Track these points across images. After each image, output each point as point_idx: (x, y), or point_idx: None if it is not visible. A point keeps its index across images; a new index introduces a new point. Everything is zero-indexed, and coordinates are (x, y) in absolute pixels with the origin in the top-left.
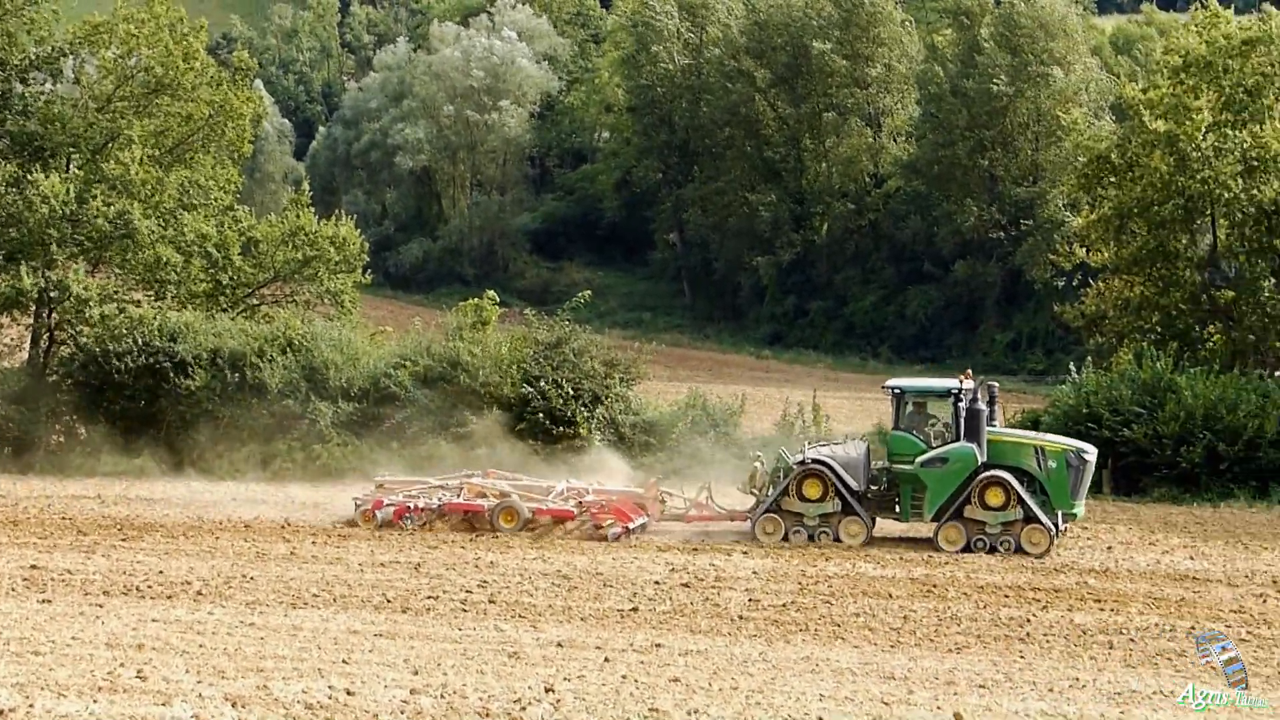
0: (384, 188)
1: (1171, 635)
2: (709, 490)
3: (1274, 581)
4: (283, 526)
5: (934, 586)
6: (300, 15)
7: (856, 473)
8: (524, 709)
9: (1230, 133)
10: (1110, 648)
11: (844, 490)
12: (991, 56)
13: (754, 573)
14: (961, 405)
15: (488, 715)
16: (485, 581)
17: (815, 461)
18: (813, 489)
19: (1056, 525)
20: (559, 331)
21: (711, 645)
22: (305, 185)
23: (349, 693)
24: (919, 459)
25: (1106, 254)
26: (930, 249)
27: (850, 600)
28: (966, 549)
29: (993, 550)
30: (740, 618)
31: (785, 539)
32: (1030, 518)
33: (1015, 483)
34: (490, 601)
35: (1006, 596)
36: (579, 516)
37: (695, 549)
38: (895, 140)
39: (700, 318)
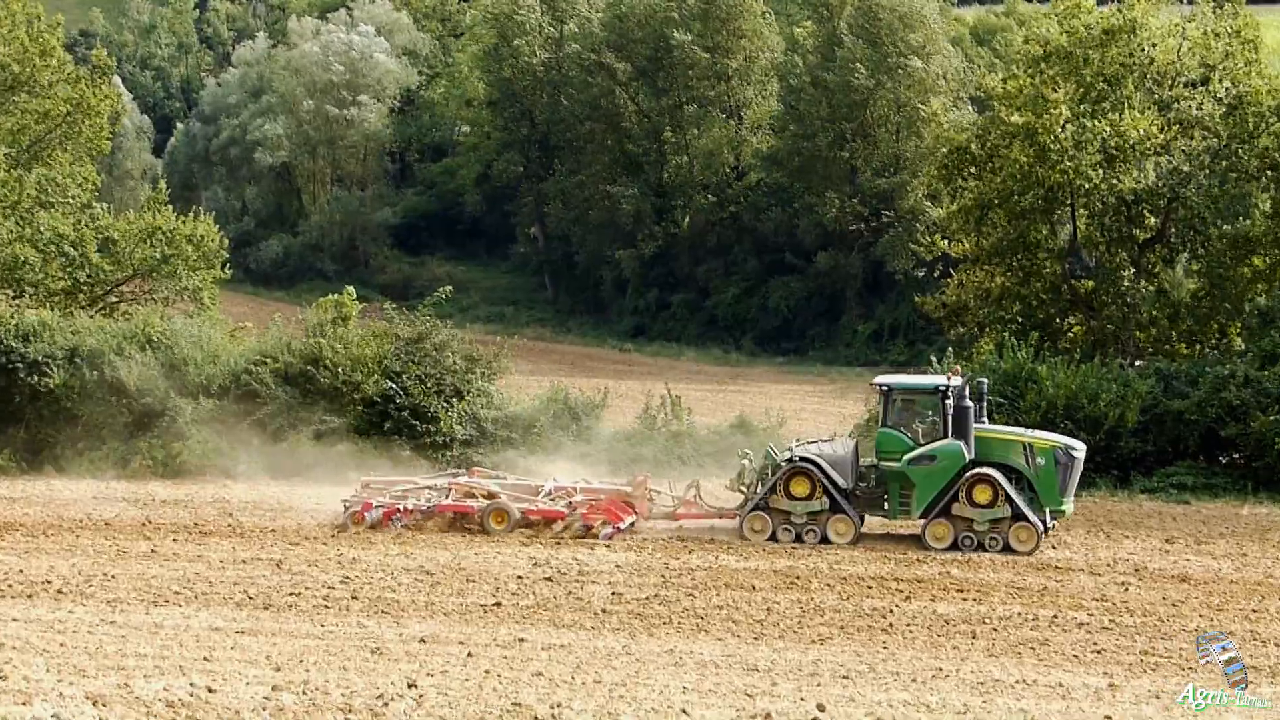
0: (244, 184)
1: (1034, 624)
2: (697, 488)
3: (1136, 570)
4: (143, 524)
5: (797, 578)
6: (159, 11)
7: (844, 470)
8: (386, 705)
9: (1090, 123)
10: (973, 637)
11: (831, 488)
12: (851, 49)
13: (617, 566)
14: (949, 402)
15: (350, 711)
16: (348, 578)
17: (803, 459)
18: (800, 487)
19: (1044, 523)
20: (420, 327)
21: (575, 639)
22: (163, 183)
23: (210, 690)
24: (906, 456)
25: (967, 245)
26: (792, 241)
27: (713, 593)
28: (954, 546)
29: (980, 548)
30: (603, 611)
31: (773, 537)
32: (1018, 515)
33: (1003, 480)
34: (353, 598)
35: (869, 587)
36: (569, 516)
37: (558, 543)
38: (756, 133)
39: (562, 311)
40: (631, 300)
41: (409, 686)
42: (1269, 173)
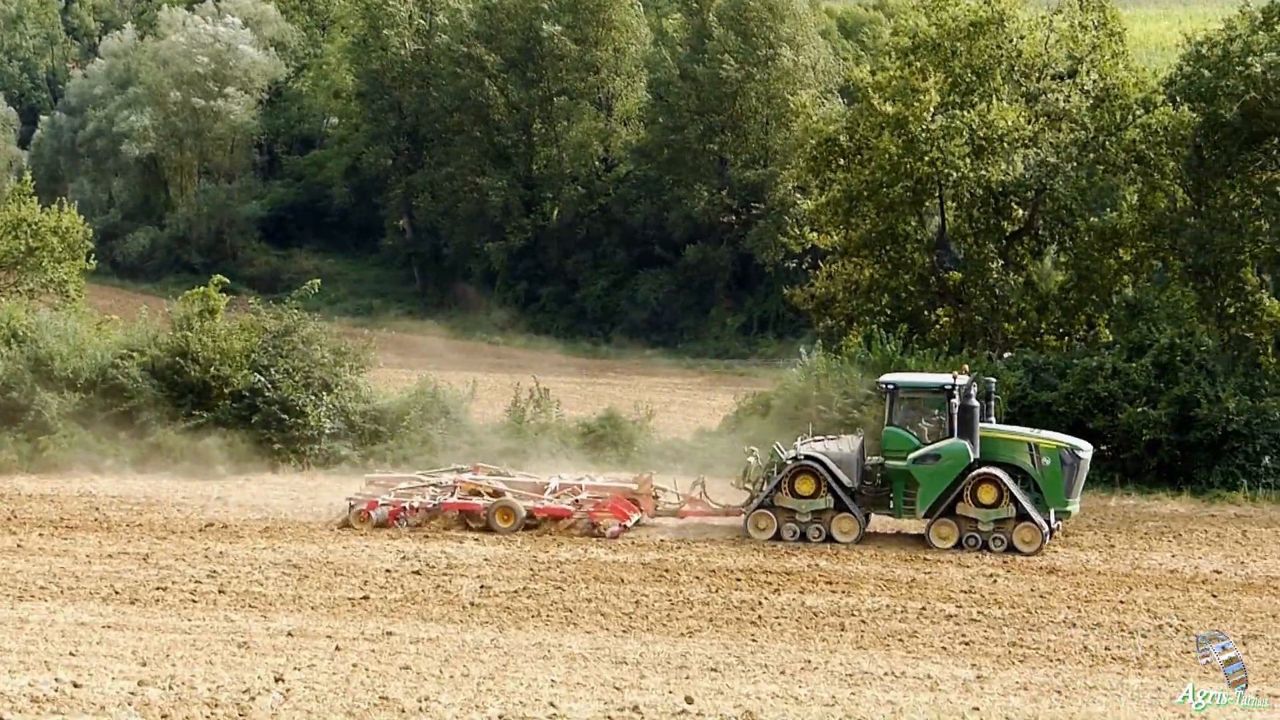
0: (110, 176)
1: (903, 616)
2: (703, 485)
3: (1004, 562)
4: (9, 519)
5: (666, 571)
6: (25, 1)
7: (850, 469)
8: (253, 699)
9: (958, 114)
10: (842, 629)
11: (836, 487)
12: (720, 41)
13: (485, 560)
14: (955, 401)
15: (216, 706)
16: (215, 572)
17: (808, 457)
18: (805, 485)
19: (1049, 523)
20: (288, 320)
21: (443, 633)
22: (28, 175)
23: (76, 685)
24: (911, 455)
25: (836, 237)
26: (661, 233)
27: (582, 586)
28: (958, 546)
29: (985, 548)
30: (472, 605)
31: (777, 536)
32: (1022, 515)
33: (1008, 480)
34: (220, 592)
35: (738, 580)
36: (575, 514)
37: (426, 537)
38: (626, 125)
39: (431, 305)
40: (500, 293)
41: (276, 680)
42: (1136, 165)
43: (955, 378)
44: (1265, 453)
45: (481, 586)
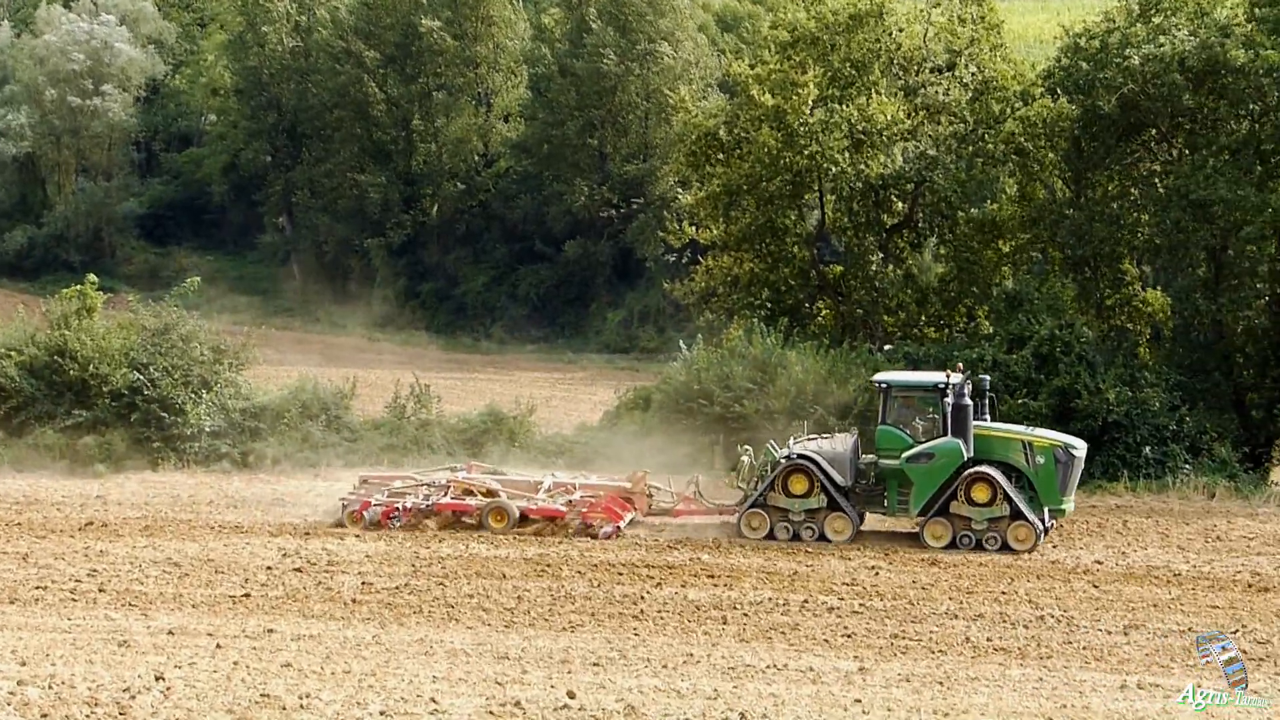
0: None
1: (785, 609)
2: (697, 484)
3: (886, 554)
4: None
5: (548, 566)
6: None
7: (843, 468)
8: (133, 698)
9: (837, 107)
10: (724, 623)
11: (830, 485)
12: (600, 35)
13: (367, 556)
14: (948, 400)
15: (96, 705)
16: (95, 570)
17: (801, 456)
18: (798, 484)
19: (1043, 521)
20: (167, 318)
21: (324, 629)
22: None
23: None
24: (905, 454)
25: (715, 231)
26: (541, 228)
27: (464, 581)
28: (952, 545)
29: (979, 547)
30: (353, 601)
31: (770, 535)
32: (1016, 514)
33: (1002, 479)
34: (100, 590)
35: (620, 574)
36: (568, 515)
37: (308, 533)
38: (506, 120)
39: (311, 301)
40: (380, 289)
41: (156, 679)
42: (1014, 157)
43: (949, 376)
44: (1145, 443)
45: (363, 583)
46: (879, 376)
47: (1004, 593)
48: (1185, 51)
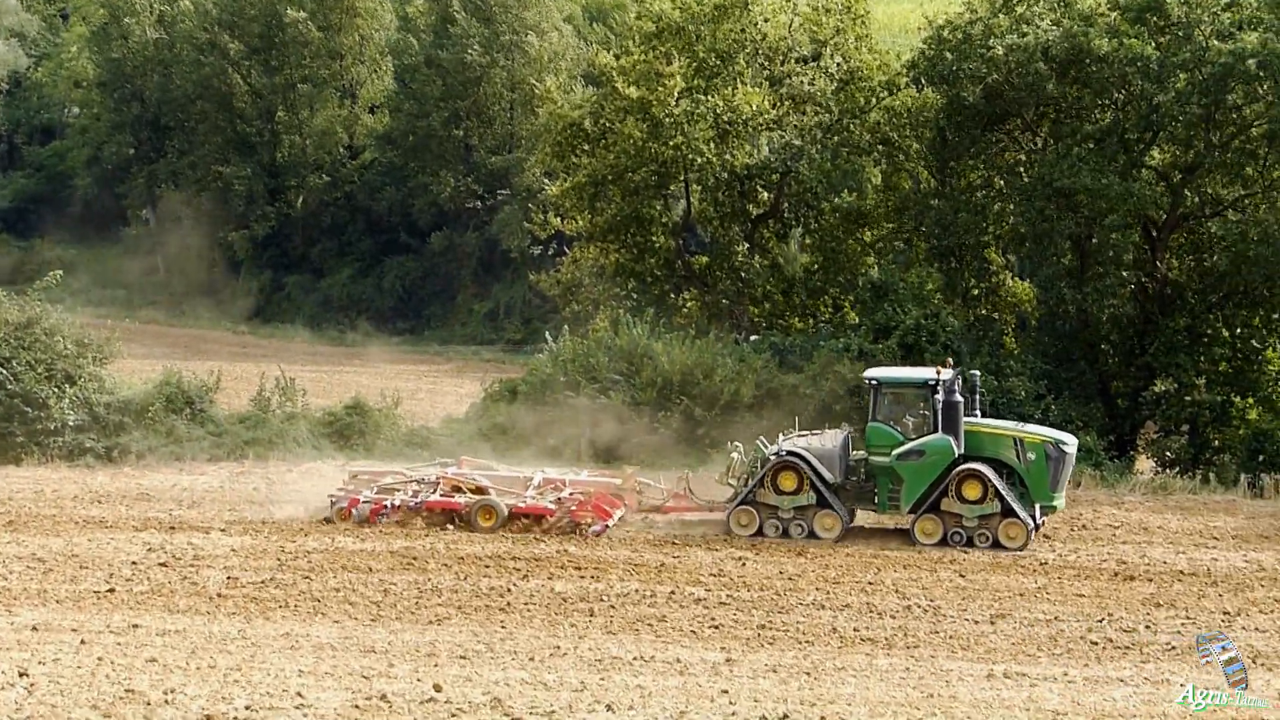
0: None
1: (652, 601)
2: (687, 481)
3: (752, 545)
4: None
5: (414, 559)
6: None
7: (832, 464)
8: None
9: (703, 98)
10: (591, 615)
11: (819, 482)
12: (464, 26)
13: (233, 550)
14: (939, 396)
15: None
16: None
17: (790, 453)
18: (788, 481)
19: (1035, 518)
20: (30, 312)
21: (190, 624)
22: None
23: None
24: (895, 451)
25: (581, 222)
26: (407, 220)
27: (330, 575)
28: (943, 542)
29: (970, 544)
30: (219, 596)
31: (759, 532)
32: (1008, 511)
33: (993, 476)
34: None
35: (487, 567)
36: (557, 513)
37: (173, 528)
38: (371, 112)
39: (176, 294)
40: (245, 282)
41: (20, 675)
42: (880, 147)
43: (939, 372)
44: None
45: (229, 577)
46: (870, 373)
47: (870, 583)
48: (1049, 41)
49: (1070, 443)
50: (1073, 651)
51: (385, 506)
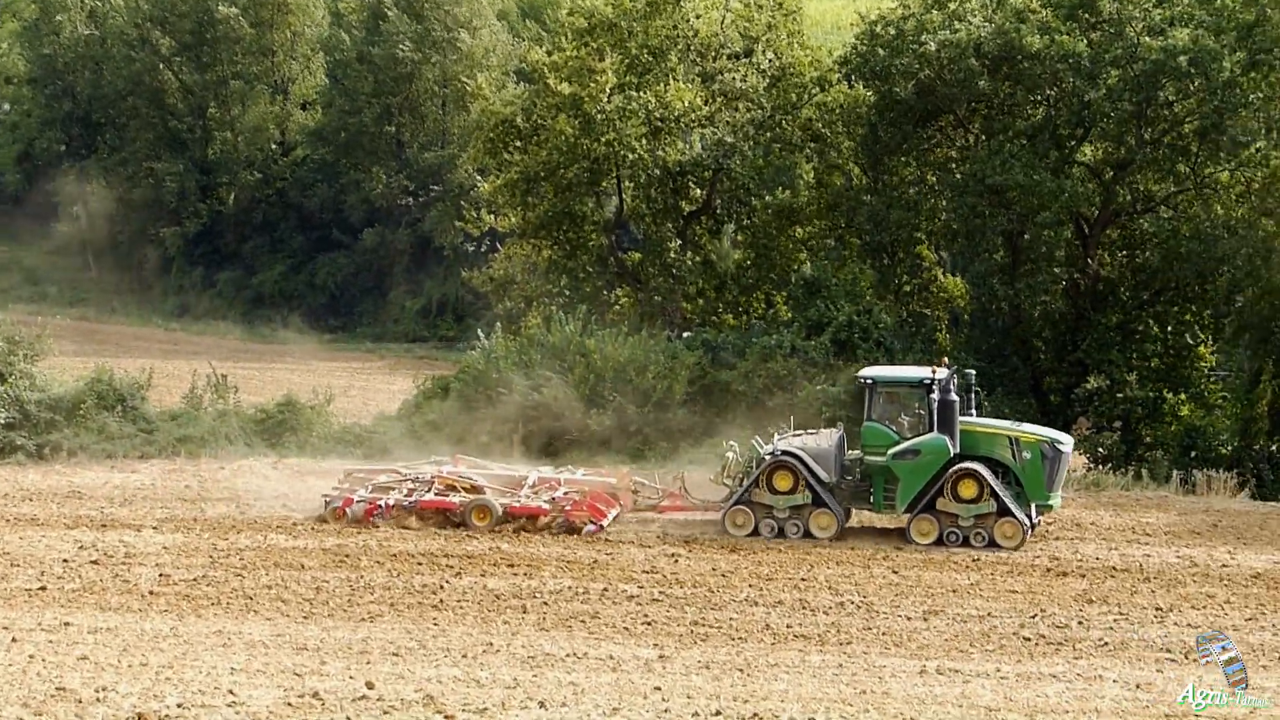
0: None
1: (585, 597)
2: (683, 480)
3: (686, 542)
4: None
5: (347, 556)
6: None
7: (828, 464)
8: None
9: (635, 95)
10: (524, 612)
11: (814, 482)
12: (396, 23)
13: (164, 548)
14: (934, 395)
15: None
16: None
17: (785, 453)
18: (783, 481)
19: (1030, 517)
20: None
21: (121, 622)
22: None
23: None
24: (891, 450)
25: (514, 218)
26: (339, 217)
27: (263, 572)
28: (939, 542)
29: (965, 544)
30: (151, 593)
31: (755, 532)
32: (1003, 510)
33: (988, 475)
34: None
35: (420, 564)
36: (552, 512)
37: (104, 525)
38: (303, 108)
39: (107, 292)
40: (176, 279)
41: None
42: (812, 144)
43: (935, 371)
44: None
45: (160, 575)
46: (864, 372)
47: (804, 579)
48: (981, 37)
49: (1066, 442)
50: (1005, 647)
51: (379, 506)
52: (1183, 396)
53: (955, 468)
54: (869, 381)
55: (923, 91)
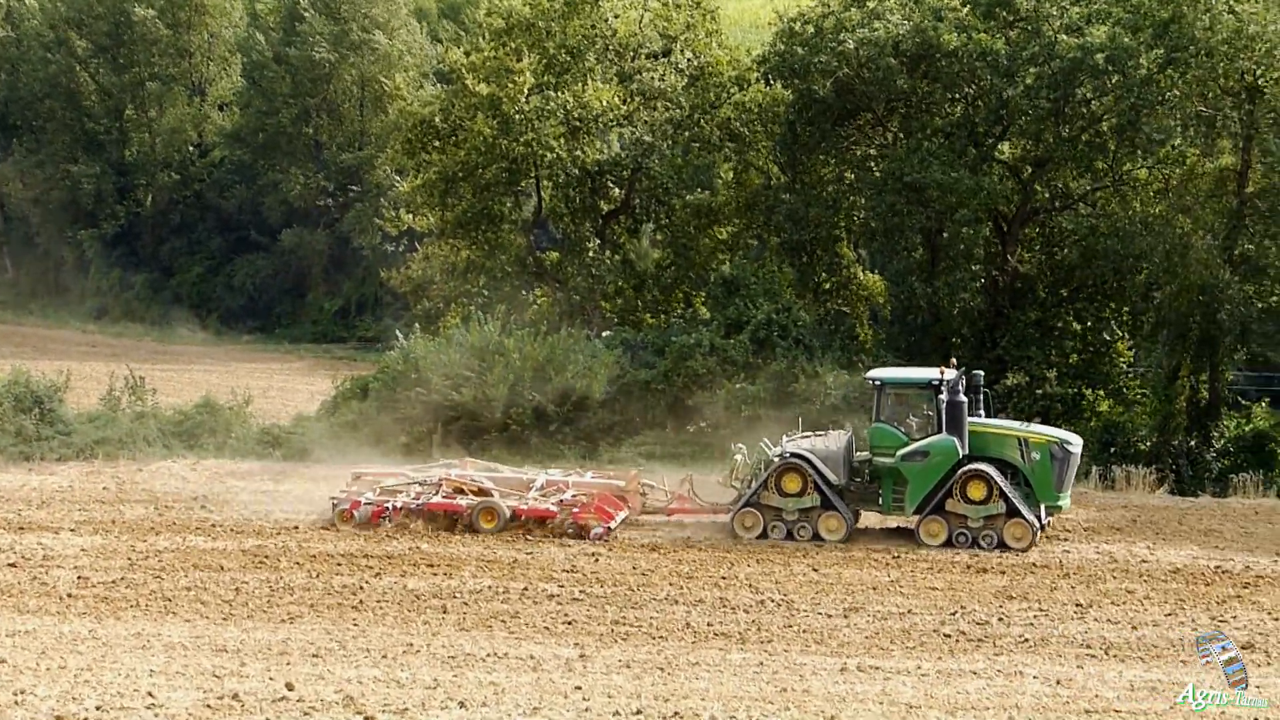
0: None
1: (505, 597)
2: (691, 483)
3: (606, 542)
4: None
5: (266, 557)
6: None
7: (836, 466)
8: None
9: (553, 94)
10: (444, 612)
11: (823, 484)
12: (312, 23)
13: (83, 550)
14: (943, 396)
15: None
16: None
17: (794, 455)
18: (791, 483)
19: (1040, 518)
20: None
21: (40, 625)
22: None
23: None
24: (900, 452)
25: (432, 218)
26: (257, 218)
27: (181, 574)
28: (948, 543)
29: (975, 545)
30: (69, 596)
31: (764, 534)
32: (1013, 512)
33: (997, 476)
34: None
35: (339, 565)
36: (560, 515)
37: (22, 528)
38: (221, 109)
39: (24, 294)
40: (94, 281)
41: None
42: (731, 143)
43: (943, 372)
44: (863, 427)
45: (79, 577)
46: (873, 373)
47: (724, 578)
48: (899, 36)
49: (1075, 442)
50: (926, 644)
51: (387, 509)
52: (1101, 393)
53: (964, 469)
54: (877, 383)
55: (841, 90)
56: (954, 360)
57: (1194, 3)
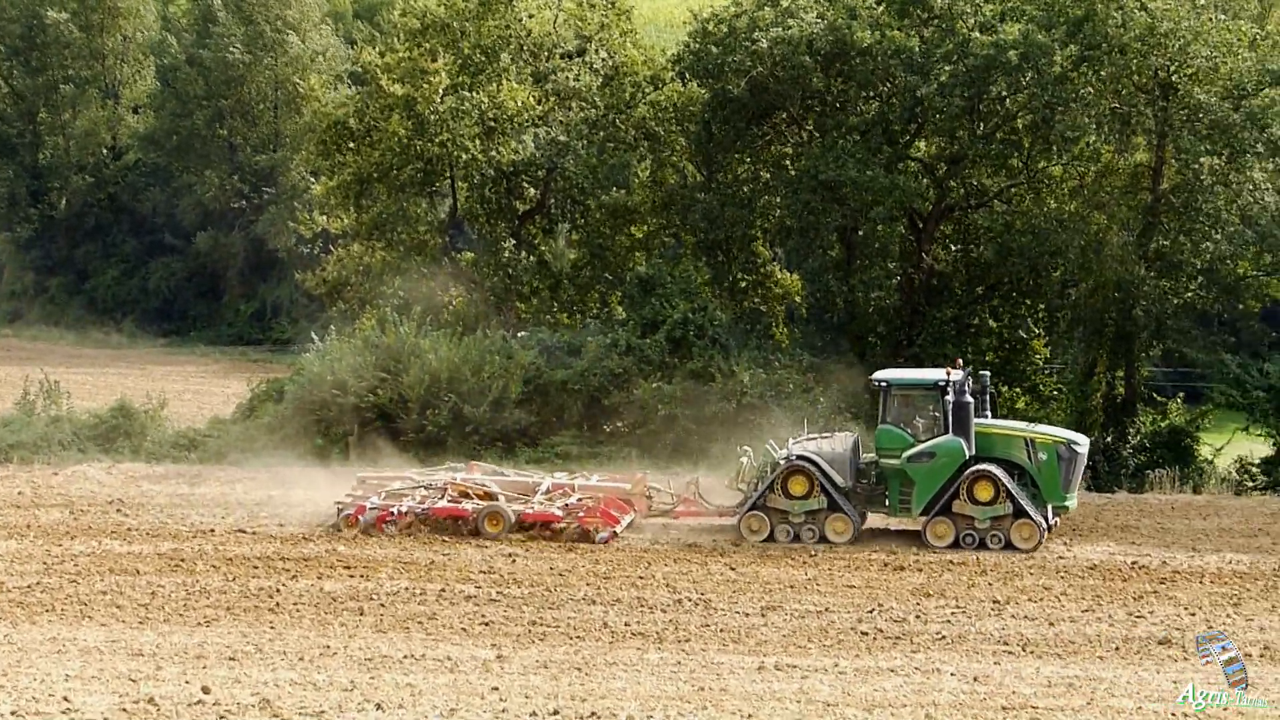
0: None
1: (422, 599)
2: (697, 486)
3: (522, 542)
4: None
5: (182, 561)
6: None
7: (843, 468)
8: None
9: (468, 95)
10: (361, 614)
11: (829, 487)
12: (226, 25)
13: None
14: (949, 397)
15: None
16: None
17: (800, 457)
18: (798, 485)
19: (1047, 519)
20: None
21: None
22: None
23: None
24: (906, 453)
25: (347, 220)
26: (172, 221)
27: (97, 578)
28: (955, 545)
29: (982, 546)
30: None
31: (770, 537)
32: (1020, 512)
33: (1004, 477)
34: None
35: (256, 567)
36: (565, 519)
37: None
38: (135, 112)
39: None
40: (8, 285)
41: None
42: (646, 142)
43: (949, 373)
44: (780, 425)
45: None
46: (879, 375)
47: (641, 577)
48: (814, 34)
49: (1082, 443)
50: (843, 642)
51: (392, 513)
52: (1018, 390)
53: (971, 470)
54: (883, 384)
55: (756, 89)
56: (959, 361)
57: (1107, 0)
